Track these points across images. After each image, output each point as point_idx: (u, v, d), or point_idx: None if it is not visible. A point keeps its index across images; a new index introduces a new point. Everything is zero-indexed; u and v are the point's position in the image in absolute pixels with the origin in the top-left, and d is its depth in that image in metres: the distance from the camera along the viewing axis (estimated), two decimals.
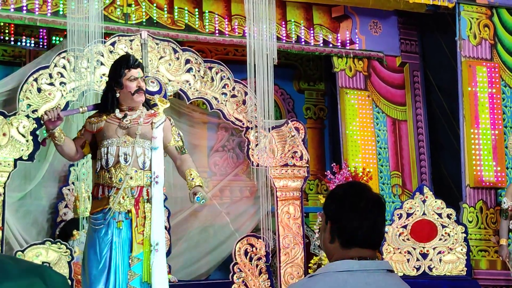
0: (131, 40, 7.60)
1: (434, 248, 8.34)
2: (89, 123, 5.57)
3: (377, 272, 2.34)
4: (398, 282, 2.39)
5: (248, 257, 7.79)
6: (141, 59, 7.58)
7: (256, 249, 7.80)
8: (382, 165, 9.85)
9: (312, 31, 9.51)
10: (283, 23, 9.28)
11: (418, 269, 8.30)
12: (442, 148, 10.14)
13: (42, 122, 5.18)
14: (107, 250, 5.09)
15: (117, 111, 5.47)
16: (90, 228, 5.24)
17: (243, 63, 7.80)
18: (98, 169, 5.29)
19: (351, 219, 2.36)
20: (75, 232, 7.49)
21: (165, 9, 8.64)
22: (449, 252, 8.27)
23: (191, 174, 5.53)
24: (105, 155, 5.33)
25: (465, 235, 8.25)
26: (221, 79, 7.88)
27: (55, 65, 7.18)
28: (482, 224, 8.89)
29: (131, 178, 5.34)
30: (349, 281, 2.29)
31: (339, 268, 2.33)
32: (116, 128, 5.43)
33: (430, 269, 8.29)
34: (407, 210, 8.44)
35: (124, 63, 5.38)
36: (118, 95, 5.42)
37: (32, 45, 9.26)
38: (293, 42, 9.33)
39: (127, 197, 5.30)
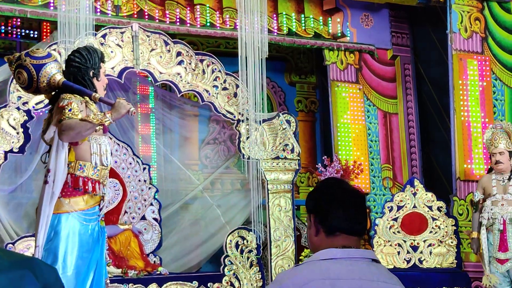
0: (122, 33, 7.58)
1: (424, 241, 8.37)
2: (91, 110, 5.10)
3: (361, 261, 2.38)
4: (383, 271, 2.42)
5: (239, 250, 7.80)
6: (132, 51, 7.57)
7: (247, 241, 7.81)
8: (373, 158, 9.87)
9: (303, 24, 9.50)
10: (275, 15, 9.27)
11: (408, 261, 8.33)
12: (433, 141, 10.17)
13: (129, 115, 4.87)
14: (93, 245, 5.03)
15: None
16: (78, 223, 4.96)
17: (235, 56, 7.81)
18: (98, 163, 4.99)
19: (333, 208, 2.44)
20: None
21: (156, 1, 8.62)
22: (439, 245, 8.31)
23: None
24: (104, 152, 5.04)
25: (456, 228, 8.29)
26: (213, 71, 7.88)
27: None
28: None
29: None
30: (332, 268, 2.33)
31: (322, 256, 2.39)
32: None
33: (421, 261, 8.32)
34: (398, 203, 8.47)
35: (101, 55, 5.15)
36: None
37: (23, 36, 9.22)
38: (285, 35, 9.33)
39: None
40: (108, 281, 5.15)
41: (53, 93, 5.04)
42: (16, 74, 4.90)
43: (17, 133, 7.01)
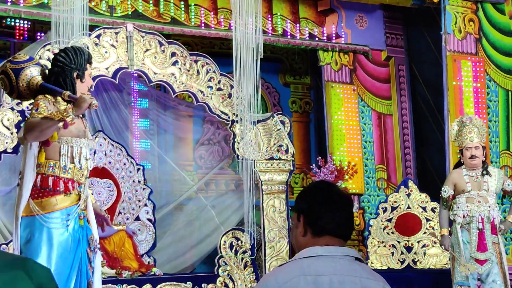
0: (116, 33, 7.57)
1: (418, 242, 8.38)
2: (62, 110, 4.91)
3: (343, 258, 2.41)
4: (366, 268, 2.44)
5: (233, 251, 7.79)
6: (126, 51, 7.56)
7: (241, 242, 7.81)
8: (367, 159, 9.88)
9: (298, 25, 9.51)
10: (269, 16, 9.27)
11: (402, 262, 8.34)
12: (427, 142, 10.19)
13: (91, 108, 4.74)
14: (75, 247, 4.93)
15: None
16: (53, 224, 4.81)
17: (229, 57, 7.80)
18: (67, 164, 4.85)
19: (324, 211, 2.47)
20: None
21: (151, 1, 8.62)
22: (433, 246, 8.32)
23: None
24: (77, 154, 4.91)
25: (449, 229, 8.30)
26: (207, 72, 7.88)
27: (40, 58, 7.14)
28: None
29: None
30: (314, 265, 2.37)
31: (304, 254, 2.42)
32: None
33: (415, 262, 8.34)
34: (392, 204, 8.48)
35: (87, 56, 5.08)
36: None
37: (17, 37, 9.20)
38: (279, 35, 9.33)
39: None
40: (91, 282, 5.07)
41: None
42: (0, 80, 4.89)
43: (11, 133, 6.99)
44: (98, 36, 7.47)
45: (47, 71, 5.01)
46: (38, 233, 4.76)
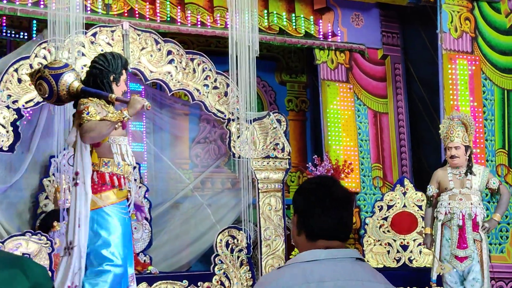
0: (112, 31, 7.56)
1: (414, 240, 8.39)
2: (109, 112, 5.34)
3: (345, 261, 2.35)
4: (368, 270, 2.39)
5: (229, 249, 7.79)
6: (122, 50, 7.56)
7: (238, 240, 7.81)
8: (363, 157, 9.89)
9: (294, 23, 9.51)
10: (265, 15, 9.27)
11: (398, 260, 8.35)
12: (423, 140, 10.19)
13: (146, 109, 5.18)
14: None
15: None
16: (116, 215, 5.22)
17: (225, 55, 7.79)
18: (120, 161, 5.26)
19: (316, 215, 2.38)
20: (55, 223, 7.46)
21: (147, 0, 8.60)
22: None
23: None
24: (125, 152, 5.31)
25: None
26: (203, 70, 7.87)
27: (36, 56, 7.14)
28: None
29: None
30: (315, 270, 2.30)
31: (305, 258, 2.35)
32: None
33: (411, 260, 8.35)
34: (388, 202, 8.49)
35: (124, 62, 5.40)
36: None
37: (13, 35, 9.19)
38: (275, 34, 9.33)
39: None
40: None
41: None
42: (37, 86, 5.18)
43: (7, 131, 6.98)
44: (94, 35, 7.46)
45: (81, 78, 5.32)
46: (106, 224, 5.16)
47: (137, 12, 8.41)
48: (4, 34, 9.16)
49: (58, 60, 5.50)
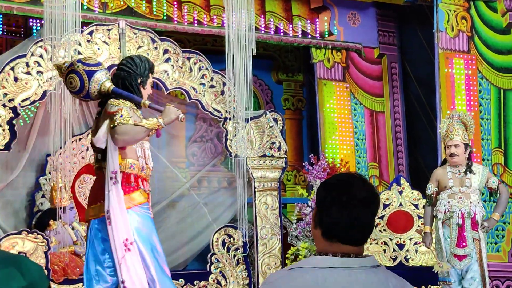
0: (109, 30, 7.56)
1: (410, 239, 8.40)
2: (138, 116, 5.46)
3: (360, 270, 2.27)
4: (382, 279, 2.31)
5: (225, 248, 7.80)
6: (119, 48, 7.55)
7: (234, 239, 7.81)
8: (359, 156, 9.90)
9: (290, 22, 9.51)
10: (262, 13, 9.27)
11: (394, 259, 8.36)
12: (419, 139, 10.20)
13: (180, 120, 5.32)
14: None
15: None
16: (145, 216, 5.39)
17: (222, 54, 7.78)
18: (144, 164, 5.41)
19: (331, 212, 2.31)
20: (51, 222, 7.45)
21: None
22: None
23: None
24: (148, 156, 5.48)
25: None
26: (200, 69, 7.87)
27: (32, 54, 7.13)
28: None
29: None
30: (329, 279, 2.22)
31: (320, 264, 2.26)
32: None
33: (407, 259, 8.35)
34: (384, 201, 8.49)
35: (151, 66, 5.49)
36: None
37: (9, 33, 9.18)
38: (272, 33, 9.33)
39: None
40: None
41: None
42: (68, 79, 5.24)
43: (3, 130, 6.98)
44: (90, 33, 7.45)
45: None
46: (141, 222, 5.34)
47: (133, 10, 8.40)
48: (1, 32, 9.15)
49: (93, 57, 5.62)
